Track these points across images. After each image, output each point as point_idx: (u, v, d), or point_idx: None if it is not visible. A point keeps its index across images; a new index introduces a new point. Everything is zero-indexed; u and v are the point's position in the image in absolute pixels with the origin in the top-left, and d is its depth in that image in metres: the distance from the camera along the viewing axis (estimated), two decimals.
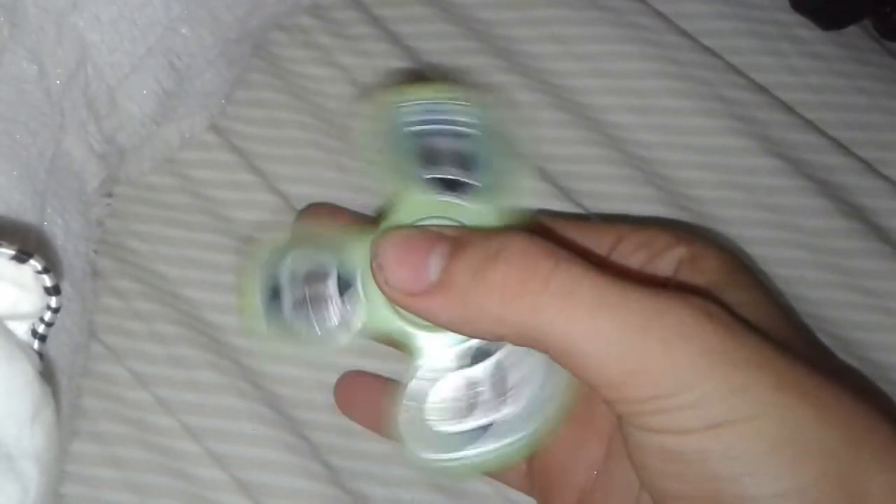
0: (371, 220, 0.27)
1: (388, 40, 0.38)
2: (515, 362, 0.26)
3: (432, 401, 0.26)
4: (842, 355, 0.33)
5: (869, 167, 0.36)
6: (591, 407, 0.28)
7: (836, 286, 0.35)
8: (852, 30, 0.39)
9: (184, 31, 0.33)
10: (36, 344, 0.23)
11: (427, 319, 0.25)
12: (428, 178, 0.26)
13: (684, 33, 0.38)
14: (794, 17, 0.38)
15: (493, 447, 0.26)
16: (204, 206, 0.37)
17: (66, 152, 0.32)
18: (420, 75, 0.37)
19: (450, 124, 0.26)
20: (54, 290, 0.23)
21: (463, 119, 0.26)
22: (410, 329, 0.26)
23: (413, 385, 0.26)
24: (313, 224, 0.33)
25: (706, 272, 0.27)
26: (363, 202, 0.35)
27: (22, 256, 0.22)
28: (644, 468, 0.24)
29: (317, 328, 0.26)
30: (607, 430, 0.28)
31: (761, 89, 0.37)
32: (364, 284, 0.26)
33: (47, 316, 0.23)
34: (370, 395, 0.33)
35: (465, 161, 0.26)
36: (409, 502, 0.33)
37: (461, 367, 0.26)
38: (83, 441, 0.34)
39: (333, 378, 0.33)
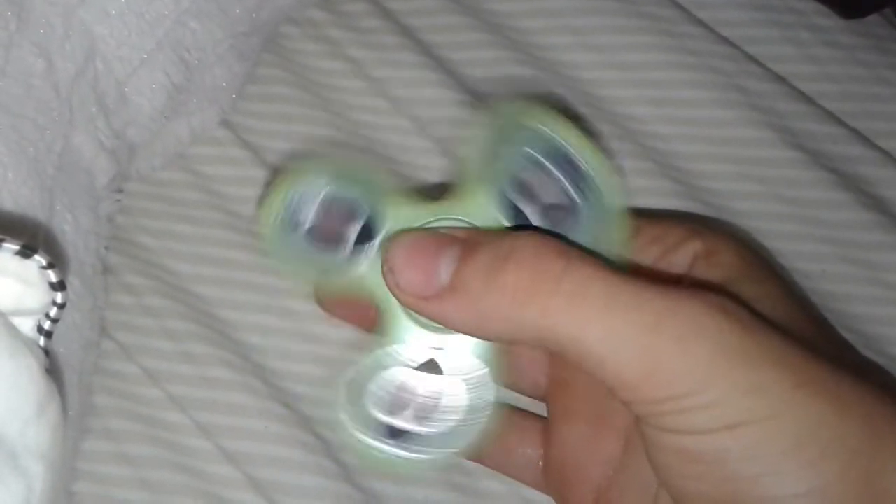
0: (427, 194, 0.27)
1: (399, 33, 0.38)
2: (453, 391, 0.26)
3: (378, 380, 0.26)
4: (863, 350, 0.33)
5: (891, 158, 0.36)
6: (607, 403, 0.28)
7: (858, 280, 0.34)
8: (873, 18, 0.38)
9: (193, 24, 0.33)
10: (42, 340, 0.23)
11: (439, 323, 0.25)
12: (508, 200, 0.26)
13: (701, 23, 0.37)
14: (813, 6, 0.38)
15: (404, 454, 0.26)
16: (215, 201, 0.37)
17: (74, 148, 0.32)
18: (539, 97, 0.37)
19: (563, 177, 0.25)
20: (59, 286, 0.23)
21: (576, 180, 0.25)
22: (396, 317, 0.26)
23: (374, 359, 0.26)
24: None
25: (722, 266, 0.26)
26: None
27: (26, 251, 0.22)
28: (662, 468, 0.24)
29: (319, 259, 0.26)
30: (624, 427, 0.28)
31: (780, 79, 0.37)
32: (382, 247, 0.26)
33: (53, 312, 0.23)
34: None
35: (551, 213, 0.26)
36: (422, 501, 0.33)
37: (414, 367, 0.26)
38: (94, 438, 0.34)
39: None
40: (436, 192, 0.27)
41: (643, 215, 0.26)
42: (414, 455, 0.26)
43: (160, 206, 0.37)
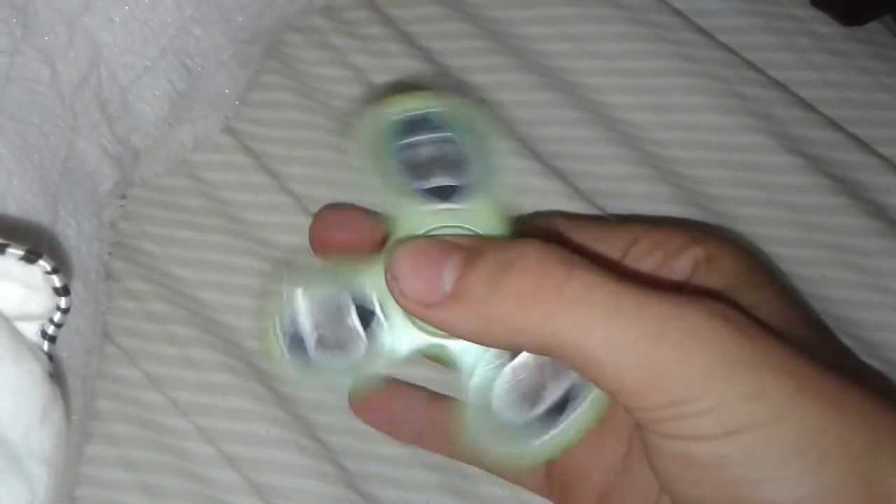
0: (378, 242, 0.27)
1: (401, 40, 0.38)
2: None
3: (498, 396, 0.26)
4: (863, 356, 0.33)
5: (890, 165, 0.36)
6: (608, 409, 0.28)
7: (857, 286, 0.34)
8: (873, 26, 0.38)
9: (196, 31, 0.33)
10: (45, 345, 0.23)
11: (444, 330, 0.25)
12: (421, 189, 0.26)
13: (701, 30, 0.37)
14: (812, 13, 0.38)
15: (565, 421, 0.26)
16: (218, 208, 0.37)
17: (78, 154, 0.32)
18: (403, 85, 0.37)
19: (429, 133, 0.26)
20: (63, 291, 0.23)
21: (441, 126, 0.26)
22: (438, 341, 0.26)
23: (473, 387, 0.26)
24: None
25: (722, 273, 0.26)
26: (375, 203, 0.35)
27: (31, 257, 0.22)
28: (664, 474, 0.24)
29: (345, 362, 0.26)
30: (626, 432, 0.28)
31: (780, 86, 0.37)
32: (384, 308, 0.26)
33: (57, 317, 0.23)
34: (385, 397, 0.33)
35: (450, 166, 0.26)
36: None
37: (509, 357, 0.26)
38: (97, 443, 0.34)
39: None
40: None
41: (644, 221, 0.27)
42: (577, 411, 0.26)
43: (163, 213, 0.37)
